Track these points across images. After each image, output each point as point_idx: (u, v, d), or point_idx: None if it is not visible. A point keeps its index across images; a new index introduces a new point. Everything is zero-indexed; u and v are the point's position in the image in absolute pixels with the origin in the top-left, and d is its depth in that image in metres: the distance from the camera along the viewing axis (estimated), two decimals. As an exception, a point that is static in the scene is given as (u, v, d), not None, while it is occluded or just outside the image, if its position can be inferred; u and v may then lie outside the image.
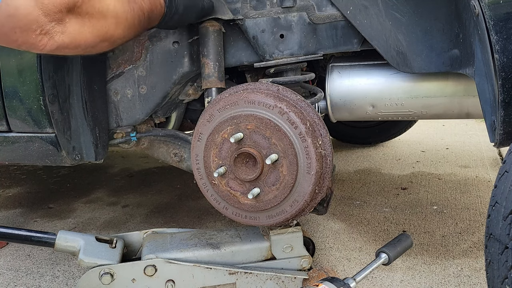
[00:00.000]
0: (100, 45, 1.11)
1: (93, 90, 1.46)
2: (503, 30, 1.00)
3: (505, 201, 0.92)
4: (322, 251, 1.80)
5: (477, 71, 1.14)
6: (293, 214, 1.26)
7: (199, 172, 1.33)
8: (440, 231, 1.91)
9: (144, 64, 1.50)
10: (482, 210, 2.10)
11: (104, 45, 1.12)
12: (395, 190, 2.42)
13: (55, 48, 1.00)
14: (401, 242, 1.38)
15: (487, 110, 1.13)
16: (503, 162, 0.99)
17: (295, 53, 1.43)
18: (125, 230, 2.13)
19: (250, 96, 1.22)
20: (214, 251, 1.40)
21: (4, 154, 1.50)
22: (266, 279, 1.40)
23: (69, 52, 1.06)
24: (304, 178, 1.21)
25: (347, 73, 1.58)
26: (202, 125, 1.29)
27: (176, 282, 1.37)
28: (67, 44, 1.01)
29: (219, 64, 1.43)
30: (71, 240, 1.40)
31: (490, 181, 2.48)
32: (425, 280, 1.57)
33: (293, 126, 1.19)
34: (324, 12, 1.40)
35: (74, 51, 1.07)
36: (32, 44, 0.96)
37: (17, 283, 1.69)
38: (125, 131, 1.59)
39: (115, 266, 1.36)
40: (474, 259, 1.68)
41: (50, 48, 0.99)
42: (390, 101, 1.53)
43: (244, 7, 1.43)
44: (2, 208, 2.49)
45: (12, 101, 1.38)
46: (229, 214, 1.34)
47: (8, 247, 2.01)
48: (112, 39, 1.12)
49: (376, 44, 1.34)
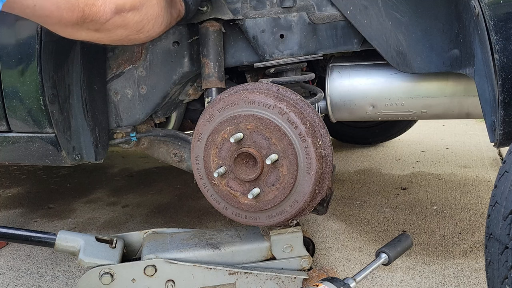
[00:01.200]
0: (151, 3, 1.14)
1: (93, 90, 1.46)
2: (503, 30, 1.00)
3: (505, 201, 0.92)
4: (322, 251, 1.80)
5: (477, 71, 1.14)
6: (293, 214, 1.26)
7: (199, 172, 1.33)
8: (440, 231, 1.91)
9: (144, 64, 1.50)
10: (482, 210, 2.10)
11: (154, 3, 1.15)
12: (395, 190, 2.42)
13: (114, 7, 1.04)
14: (401, 242, 1.38)
15: (487, 110, 1.13)
16: (503, 162, 0.99)
17: (295, 53, 1.43)
18: (125, 230, 2.13)
19: (250, 96, 1.22)
20: (214, 251, 1.40)
21: (4, 154, 1.50)
22: (266, 279, 1.40)
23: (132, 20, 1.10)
24: (304, 178, 1.21)
25: (347, 73, 1.58)
26: (202, 125, 1.29)
27: (176, 282, 1.37)
28: (123, 4, 1.05)
29: (219, 64, 1.43)
30: (71, 240, 1.40)
31: (490, 181, 2.48)
32: (425, 280, 1.57)
33: (293, 126, 1.19)
34: (324, 12, 1.40)
35: (135, 16, 1.10)
36: (93, 5, 0.99)
37: (17, 283, 1.69)
38: (125, 131, 1.59)
39: (115, 266, 1.36)
40: (474, 259, 1.68)
41: (110, 8, 1.03)
42: (390, 101, 1.53)
43: (244, 7, 1.43)
44: (2, 208, 2.49)
45: (12, 101, 1.38)
46: (229, 214, 1.34)
47: (8, 247, 2.01)
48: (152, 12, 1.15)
49: (376, 44, 1.34)
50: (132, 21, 1.11)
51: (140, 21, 1.14)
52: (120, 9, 1.06)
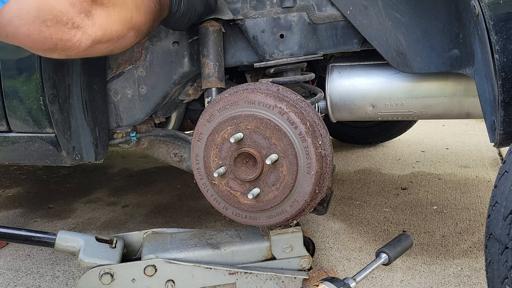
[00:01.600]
0: (128, 35, 1.12)
1: (93, 90, 1.46)
2: (503, 30, 1.00)
3: (505, 201, 0.92)
4: (322, 251, 1.80)
5: (477, 71, 1.14)
6: (293, 214, 1.26)
7: (199, 172, 1.33)
8: (440, 231, 1.91)
9: (144, 64, 1.50)
10: (482, 210, 2.10)
11: (131, 35, 1.14)
12: (395, 190, 2.42)
13: (91, 43, 1.01)
14: (401, 242, 1.38)
15: (487, 110, 1.13)
16: (503, 162, 0.99)
17: (295, 53, 1.43)
18: (125, 230, 2.13)
19: (250, 96, 1.22)
20: (214, 251, 1.40)
21: (4, 154, 1.50)
22: (266, 279, 1.40)
23: (104, 49, 1.08)
24: (304, 178, 1.21)
25: (347, 73, 1.58)
26: (202, 125, 1.29)
27: (176, 282, 1.37)
28: (101, 38, 1.03)
29: (219, 64, 1.43)
30: (71, 240, 1.40)
31: (490, 181, 2.48)
32: (425, 280, 1.57)
33: (293, 126, 1.19)
34: (324, 12, 1.40)
35: (108, 46, 1.08)
36: (68, 41, 0.97)
37: (17, 283, 1.69)
38: (125, 131, 1.59)
39: (115, 266, 1.36)
40: (474, 259, 1.68)
41: (86, 44, 1.00)
42: (390, 101, 1.53)
43: (244, 7, 1.43)
44: (2, 208, 2.49)
45: (12, 101, 1.38)
46: (229, 214, 1.34)
47: (8, 247, 2.01)
48: (137, 26, 1.14)
49: (376, 44, 1.34)
50: (106, 50, 1.11)
51: (113, 49, 1.13)
52: (96, 43, 1.04)
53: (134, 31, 1.14)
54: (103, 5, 1.03)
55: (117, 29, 1.07)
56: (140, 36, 1.19)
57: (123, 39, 1.11)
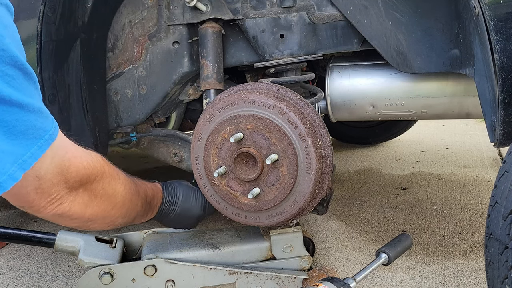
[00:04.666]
0: (99, 222, 1.16)
1: (93, 90, 1.46)
2: (503, 30, 1.00)
3: (505, 201, 0.92)
4: (322, 251, 1.80)
5: (477, 71, 1.14)
6: (293, 214, 1.26)
7: (199, 172, 1.33)
8: (440, 231, 1.91)
9: (144, 64, 1.50)
10: (482, 210, 2.10)
11: (103, 223, 1.19)
12: (395, 190, 2.42)
13: (57, 214, 1.00)
14: (401, 242, 1.38)
15: (487, 110, 1.13)
16: (503, 162, 0.99)
17: (295, 53, 1.43)
18: (125, 230, 2.11)
19: (250, 96, 1.22)
20: (214, 251, 1.40)
21: (4, 154, 1.50)
22: (266, 279, 1.40)
23: (61, 221, 1.07)
24: (304, 178, 1.21)
25: (347, 73, 1.58)
26: (202, 125, 1.29)
27: (176, 282, 1.37)
28: (70, 214, 1.03)
29: (218, 66, 1.43)
30: (71, 240, 1.40)
31: (490, 181, 2.48)
32: (425, 280, 1.57)
33: (293, 126, 1.19)
34: (324, 12, 1.40)
35: (68, 221, 1.07)
36: (38, 206, 0.95)
37: (17, 283, 1.69)
38: (125, 131, 1.59)
39: (115, 266, 1.36)
40: (474, 259, 1.68)
41: (53, 213, 0.99)
42: (390, 101, 1.53)
43: (244, 7, 1.43)
44: (2, 208, 2.49)
45: (12, 101, 1.38)
46: (229, 214, 1.34)
47: (8, 247, 2.00)
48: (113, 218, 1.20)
49: (376, 44, 1.34)
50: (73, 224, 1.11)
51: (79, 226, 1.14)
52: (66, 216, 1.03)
53: (107, 221, 1.19)
54: (89, 191, 1.05)
55: (91, 214, 1.08)
56: (111, 227, 1.24)
57: (90, 222, 1.13)
